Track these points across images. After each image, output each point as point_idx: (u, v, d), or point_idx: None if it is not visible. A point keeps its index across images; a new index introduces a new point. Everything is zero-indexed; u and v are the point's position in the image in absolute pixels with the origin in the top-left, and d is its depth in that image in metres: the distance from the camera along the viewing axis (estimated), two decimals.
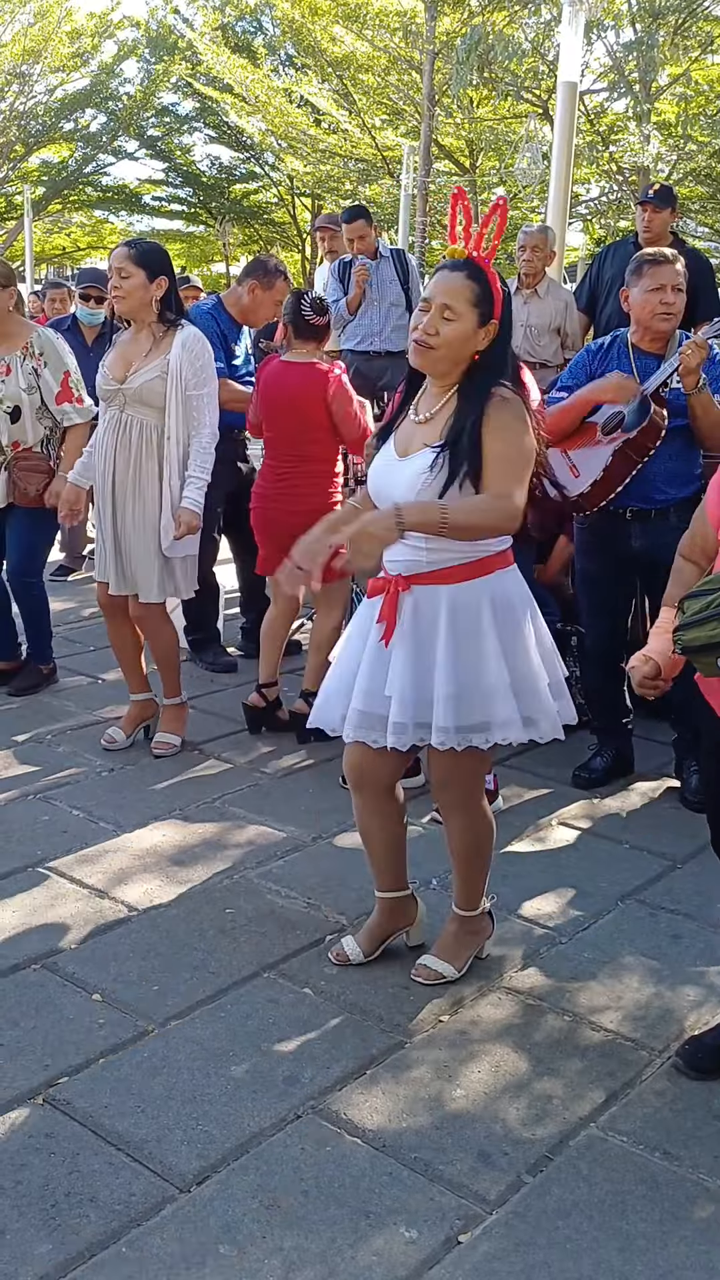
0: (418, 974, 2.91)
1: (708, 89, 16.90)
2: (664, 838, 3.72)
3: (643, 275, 3.76)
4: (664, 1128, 2.44)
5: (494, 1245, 2.13)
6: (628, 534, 3.86)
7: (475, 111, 18.55)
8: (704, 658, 2.20)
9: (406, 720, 2.66)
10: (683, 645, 2.22)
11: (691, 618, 2.19)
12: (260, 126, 20.85)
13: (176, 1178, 2.25)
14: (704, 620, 2.16)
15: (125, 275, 3.86)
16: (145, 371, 3.92)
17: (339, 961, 2.96)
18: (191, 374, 3.95)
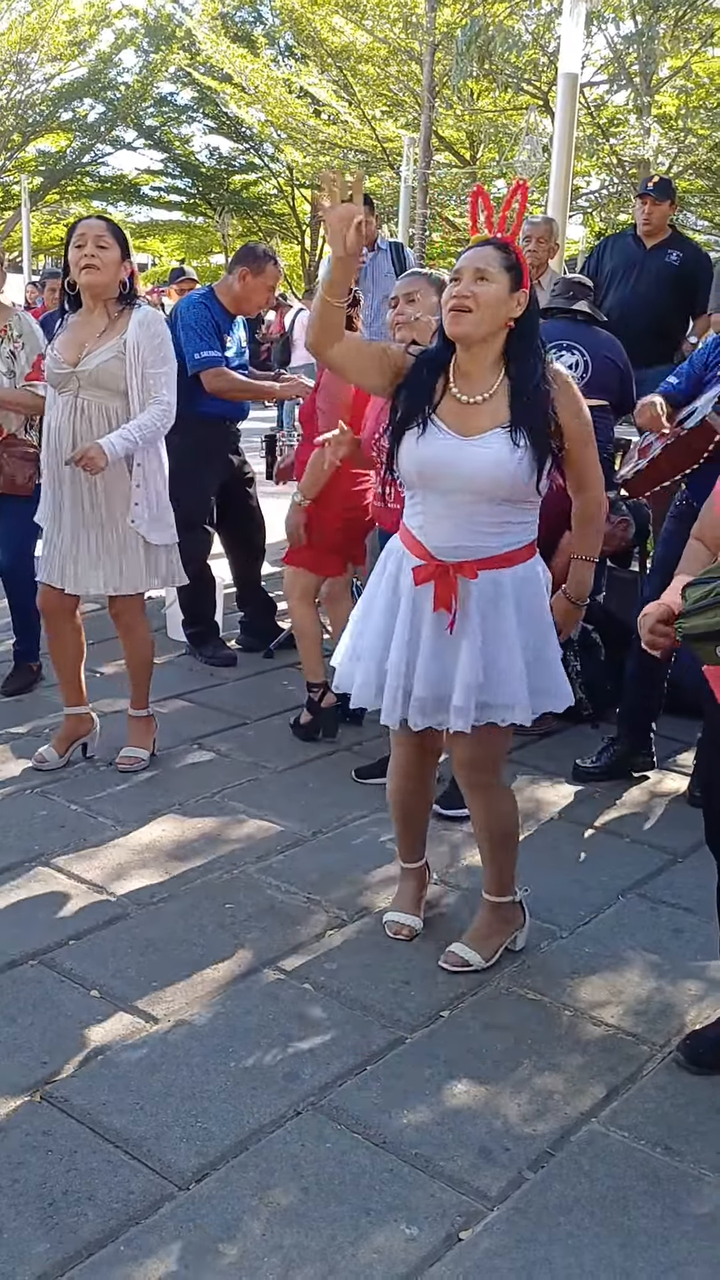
0: (446, 960, 2.93)
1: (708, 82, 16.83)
2: (665, 832, 3.70)
3: None
4: (666, 1123, 2.43)
5: (495, 1242, 2.12)
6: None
7: (476, 103, 18.49)
8: (705, 645, 2.19)
9: (468, 704, 2.72)
10: (684, 633, 2.21)
11: (693, 605, 2.18)
12: (259, 117, 20.78)
13: (175, 1175, 2.24)
14: (705, 608, 2.15)
15: (104, 246, 3.69)
16: (101, 352, 3.73)
17: (407, 937, 3.05)
18: (150, 351, 3.76)
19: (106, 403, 3.75)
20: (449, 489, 2.69)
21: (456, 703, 2.71)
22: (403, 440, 2.72)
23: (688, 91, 16.85)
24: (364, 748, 4.29)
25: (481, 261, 2.61)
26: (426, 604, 2.75)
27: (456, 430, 2.68)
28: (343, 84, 19.58)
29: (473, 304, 2.60)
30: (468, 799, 2.95)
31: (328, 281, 2.68)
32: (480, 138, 19.42)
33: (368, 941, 3.04)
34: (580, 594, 2.91)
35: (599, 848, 3.62)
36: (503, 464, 2.62)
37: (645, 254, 6.01)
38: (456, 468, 2.66)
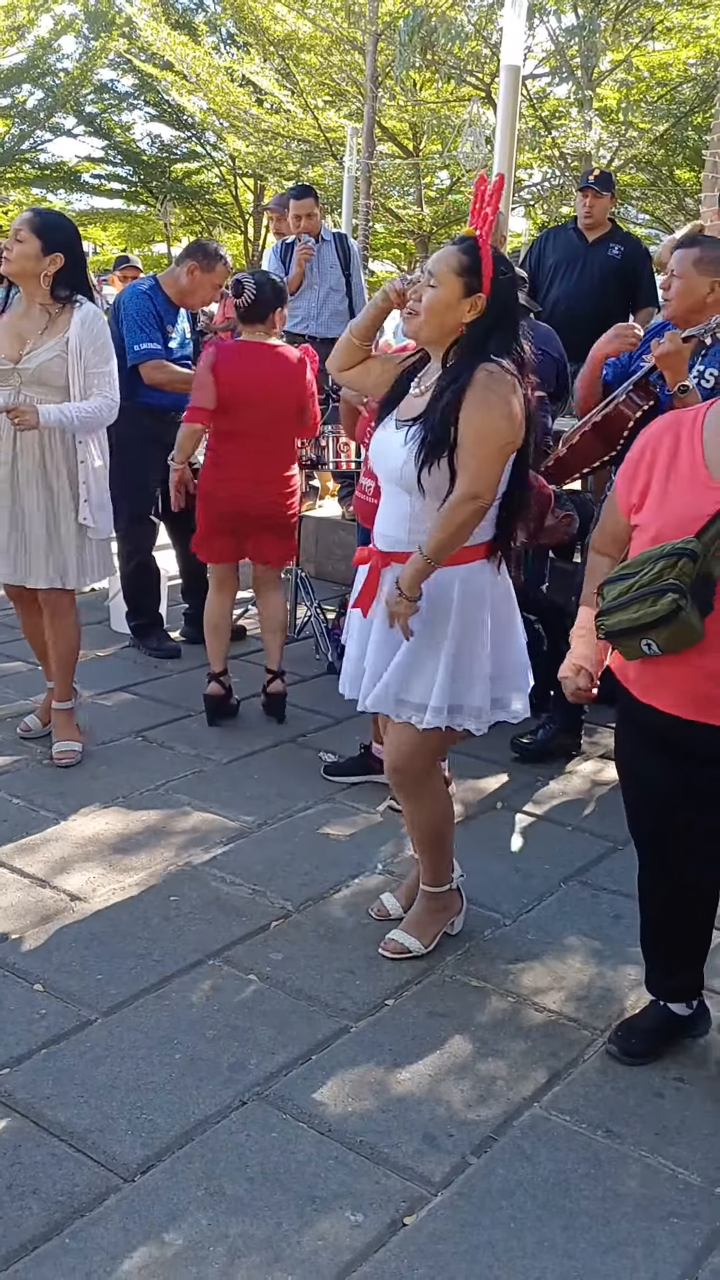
0: (385, 948, 2.96)
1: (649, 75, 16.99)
2: (606, 819, 3.75)
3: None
4: (606, 1106, 2.47)
5: (439, 1226, 2.14)
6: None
7: (418, 94, 18.50)
8: (628, 641, 2.23)
9: (380, 691, 2.78)
10: (606, 630, 2.25)
11: (613, 602, 2.22)
12: (201, 105, 20.59)
13: (120, 1167, 2.23)
14: (626, 604, 2.19)
15: (20, 239, 3.69)
16: (43, 351, 3.74)
17: (380, 917, 3.09)
18: (93, 352, 3.76)
19: (49, 399, 3.75)
20: (382, 476, 2.82)
21: (364, 683, 2.84)
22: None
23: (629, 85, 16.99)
24: (309, 739, 4.30)
25: (435, 265, 2.64)
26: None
27: (400, 418, 2.76)
28: (285, 73, 19.47)
29: (418, 308, 2.66)
30: (404, 800, 2.96)
31: (361, 327, 2.86)
32: (423, 129, 19.42)
33: (312, 933, 3.05)
34: (406, 586, 2.66)
35: (540, 836, 3.66)
36: (398, 453, 2.68)
37: (587, 248, 6.06)
38: (380, 456, 2.78)
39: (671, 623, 2.13)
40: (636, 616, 2.17)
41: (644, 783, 2.49)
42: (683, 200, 18.42)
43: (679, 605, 2.11)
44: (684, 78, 16.61)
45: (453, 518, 2.63)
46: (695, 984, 2.65)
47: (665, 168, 18.17)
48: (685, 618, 2.13)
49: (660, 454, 2.29)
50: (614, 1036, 2.64)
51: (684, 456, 2.25)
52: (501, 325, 2.67)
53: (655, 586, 2.14)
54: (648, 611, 2.14)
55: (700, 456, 2.23)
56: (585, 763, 4.21)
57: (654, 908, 2.62)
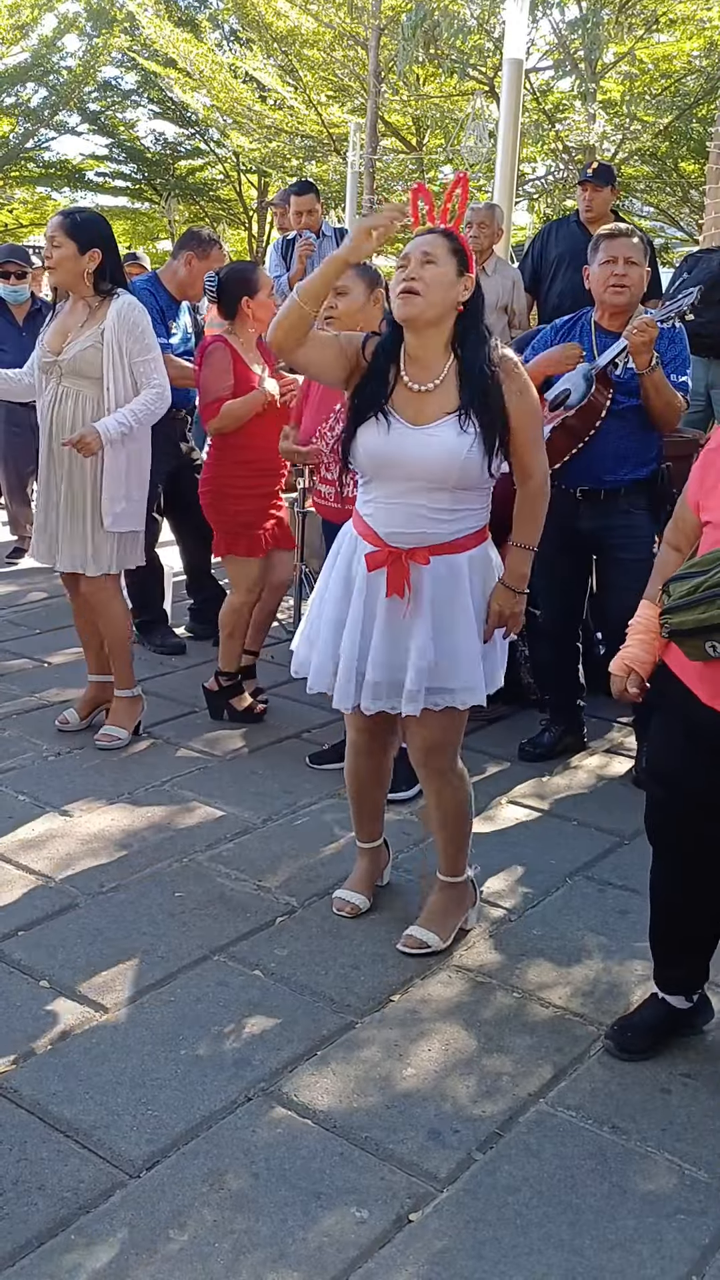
0: (404, 943, 2.95)
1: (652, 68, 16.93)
2: (612, 814, 3.74)
3: (598, 250, 3.75)
4: (612, 1102, 2.46)
5: (444, 1223, 2.13)
6: (577, 514, 3.86)
7: (421, 89, 18.46)
8: (694, 641, 2.18)
9: (420, 688, 2.76)
10: (671, 629, 2.21)
11: (680, 600, 2.17)
12: (205, 102, 20.55)
13: (126, 1164, 2.23)
14: (695, 603, 2.14)
15: (56, 245, 3.76)
16: (79, 342, 3.82)
17: (351, 914, 3.09)
18: (132, 341, 3.82)
19: (84, 390, 3.83)
20: (401, 477, 2.72)
21: (409, 687, 2.75)
22: (358, 432, 2.75)
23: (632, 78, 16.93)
24: (313, 735, 4.30)
25: (427, 245, 2.64)
26: (380, 589, 2.77)
27: (408, 419, 2.70)
28: (288, 69, 19.45)
29: (420, 286, 2.62)
30: (424, 783, 2.97)
31: (312, 288, 2.65)
32: (426, 123, 19.38)
33: (317, 927, 3.04)
34: (518, 583, 2.85)
35: (547, 831, 3.65)
36: (453, 452, 2.65)
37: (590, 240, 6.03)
38: (408, 457, 2.68)
39: None
40: (705, 617, 2.12)
41: (687, 790, 2.41)
42: (687, 192, 18.37)
43: None
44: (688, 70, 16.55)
45: (539, 504, 2.86)
46: (700, 976, 2.64)
47: (670, 160, 18.10)
48: None
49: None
50: (611, 1033, 2.63)
51: None
52: (483, 307, 2.78)
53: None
54: (715, 613, 2.11)
55: None
56: (590, 757, 4.20)
57: (668, 905, 2.59)
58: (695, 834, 2.44)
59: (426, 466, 2.67)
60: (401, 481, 2.72)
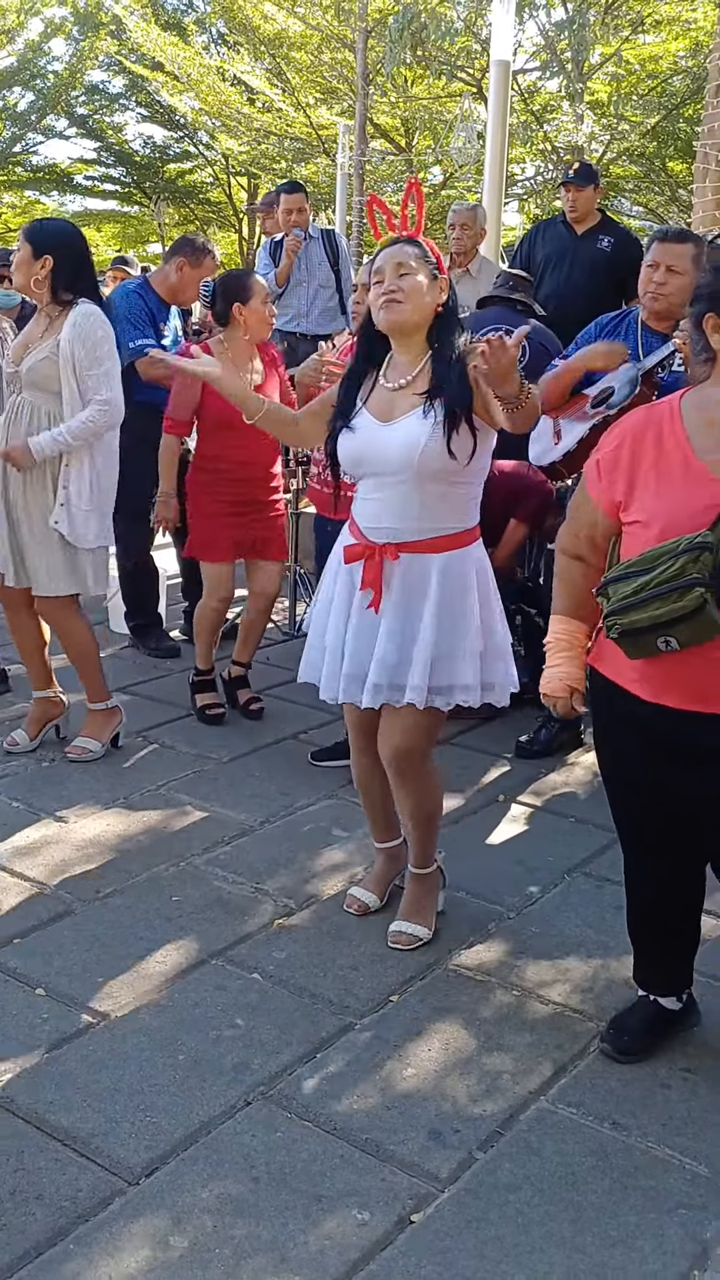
0: (396, 941, 2.97)
1: (639, 68, 16.98)
2: (607, 811, 3.70)
3: (649, 251, 3.70)
4: (612, 1098, 2.45)
5: (446, 1223, 2.13)
6: None
7: (410, 90, 18.49)
8: (646, 638, 2.18)
9: (383, 682, 2.79)
10: (621, 629, 2.21)
11: (629, 600, 2.17)
12: (193, 105, 20.58)
13: (125, 1171, 2.22)
14: (647, 600, 2.14)
15: (17, 249, 3.73)
16: (36, 353, 3.73)
17: (359, 912, 3.10)
18: (84, 353, 3.68)
19: (40, 404, 3.75)
20: (373, 472, 2.79)
21: (370, 679, 2.80)
22: (340, 438, 2.82)
23: (619, 78, 16.98)
24: (310, 736, 4.29)
25: (399, 257, 2.72)
26: (357, 582, 2.84)
27: (379, 417, 2.77)
28: (276, 71, 19.49)
29: (401, 295, 2.70)
30: (392, 782, 2.96)
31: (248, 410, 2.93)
32: (415, 125, 19.43)
33: (316, 930, 3.03)
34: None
35: (543, 828, 3.65)
36: (413, 441, 2.68)
37: (577, 241, 6.03)
38: (373, 452, 2.76)
39: (697, 617, 2.10)
40: (660, 613, 2.12)
41: (645, 787, 2.42)
42: (675, 192, 18.41)
43: (705, 599, 2.09)
44: (674, 70, 16.62)
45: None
46: (685, 978, 2.64)
47: (657, 160, 18.15)
48: (710, 611, 2.10)
49: (643, 449, 2.25)
50: (606, 1035, 2.62)
51: (670, 450, 2.22)
52: (456, 306, 2.82)
53: (680, 582, 2.09)
54: (674, 608, 2.10)
55: (689, 450, 2.20)
56: (586, 754, 4.19)
57: (644, 903, 2.59)
58: (656, 826, 2.46)
59: (390, 459, 2.72)
60: (375, 477, 2.80)
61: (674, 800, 2.39)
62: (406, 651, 2.78)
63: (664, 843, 2.49)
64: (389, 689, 2.80)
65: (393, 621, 2.79)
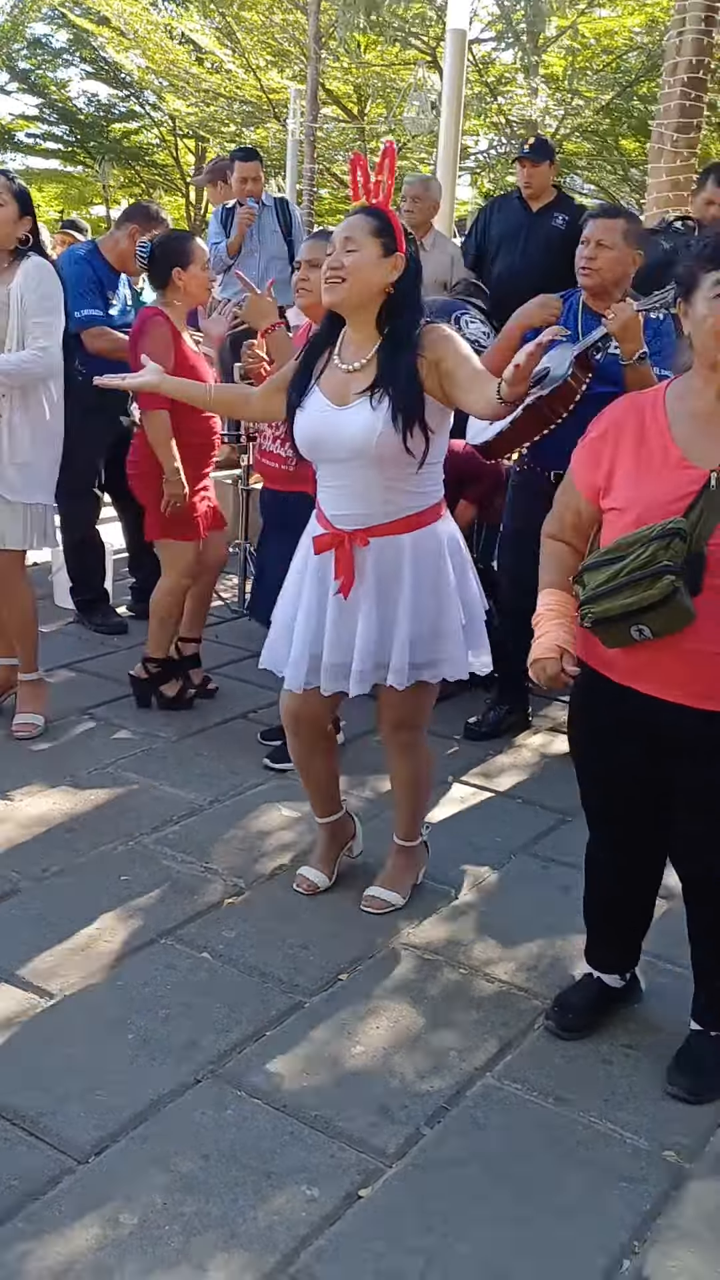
0: (368, 905, 3.04)
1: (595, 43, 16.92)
2: (555, 792, 3.79)
3: (584, 229, 3.71)
4: (556, 1074, 2.51)
5: (393, 1198, 2.16)
6: (549, 497, 3.85)
7: (363, 56, 18.27)
8: (619, 626, 2.20)
9: (368, 667, 2.79)
10: (594, 618, 2.22)
11: (600, 589, 2.19)
12: (139, 63, 20.17)
13: (74, 1150, 2.23)
14: (619, 589, 2.15)
15: (1, 203, 3.64)
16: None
17: (309, 892, 3.12)
18: (34, 301, 3.66)
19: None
20: (331, 458, 2.76)
21: (355, 666, 2.78)
22: (295, 417, 2.79)
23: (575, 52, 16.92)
24: (260, 715, 4.29)
25: (349, 231, 2.65)
26: (330, 572, 2.81)
27: (333, 399, 2.74)
28: (226, 31, 19.13)
29: (344, 274, 2.64)
30: (389, 754, 3.04)
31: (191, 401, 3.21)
32: (368, 92, 19.23)
33: (265, 909, 3.05)
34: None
35: (492, 809, 3.69)
36: (368, 430, 2.66)
37: (532, 217, 6.03)
38: (331, 436, 2.72)
39: (668, 605, 2.11)
40: (630, 601, 2.13)
41: (614, 770, 2.45)
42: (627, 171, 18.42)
43: (676, 587, 2.09)
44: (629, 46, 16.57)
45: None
46: (631, 958, 2.70)
47: (611, 137, 18.13)
48: (680, 600, 2.11)
49: (625, 436, 2.27)
50: (551, 1012, 2.67)
51: (652, 438, 2.23)
52: (420, 283, 2.74)
53: (650, 570, 2.10)
54: (644, 596, 2.11)
55: (669, 437, 2.22)
56: (534, 736, 4.24)
57: (602, 884, 2.65)
58: (623, 810, 2.50)
59: (346, 445, 2.70)
60: (334, 463, 2.76)
61: (640, 788, 2.42)
62: (388, 634, 2.79)
63: (628, 831, 2.52)
64: (374, 671, 2.81)
65: (371, 608, 2.78)
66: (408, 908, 3.08)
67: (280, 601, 3.00)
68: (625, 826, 2.52)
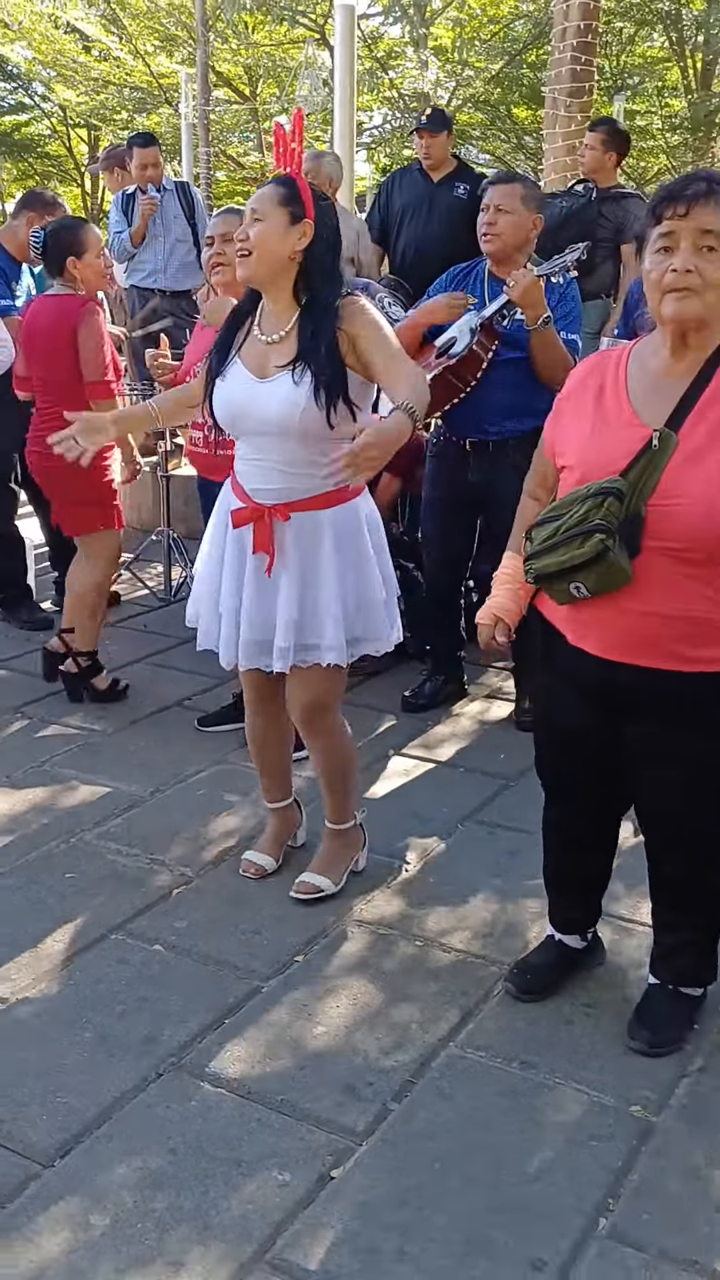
0: (298, 890, 2.98)
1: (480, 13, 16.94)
2: (496, 759, 3.80)
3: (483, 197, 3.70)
4: (519, 1039, 2.51)
5: (366, 1176, 2.15)
6: (467, 465, 3.87)
7: (251, 37, 18.08)
8: (557, 584, 2.19)
9: (289, 644, 2.75)
10: (535, 574, 2.22)
11: (542, 545, 2.18)
12: (26, 54, 19.75)
13: (39, 1154, 2.18)
14: (553, 546, 2.15)
15: None
16: None
17: (256, 876, 3.08)
18: None
19: None
20: (252, 431, 2.71)
21: (278, 644, 2.75)
22: (213, 389, 2.73)
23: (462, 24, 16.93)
24: (194, 702, 4.23)
25: (256, 203, 2.63)
26: (248, 546, 2.77)
27: (254, 371, 2.69)
28: (111, 18, 18.80)
29: (250, 246, 2.61)
30: (304, 739, 2.97)
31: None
32: (259, 72, 19.02)
33: (215, 896, 3.01)
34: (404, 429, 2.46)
35: (433, 779, 3.68)
36: (291, 403, 2.61)
37: (434, 188, 6.02)
38: (252, 410, 2.67)
39: (599, 564, 2.10)
40: (564, 559, 2.13)
41: (568, 731, 2.44)
42: (521, 139, 18.48)
43: (606, 546, 2.08)
44: (515, 14, 16.62)
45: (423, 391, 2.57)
46: (593, 916, 2.70)
47: (503, 106, 18.17)
48: (613, 559, 2.09)
49: (586, 395, 2.25)
50: (511, 975, 2.67)
51: (609, 397, 2.22)
52: (336, 250, 2.68)
53: (582, 528, 2.09)
54: (575, 554, 2.10)
55: (625, 396, 2.20)
56: (471, 704, 4.25)
57: (558, 847, 2.63)
58: (581, 773, 2.48)
59: (269, 419, 2.64)
60: (255, 436, 2.71)
61: (596, 749, 2.41)
62: (312, 610, 2.74)
63: (586, 794, 2.51)
64: (298, 649, 2.76)
65: (292, 583, 2.74)
66: (357, 884, 3.06)
67: (198, 580, 2.95)
68: (583, 790, 2.51)
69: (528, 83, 16.92)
